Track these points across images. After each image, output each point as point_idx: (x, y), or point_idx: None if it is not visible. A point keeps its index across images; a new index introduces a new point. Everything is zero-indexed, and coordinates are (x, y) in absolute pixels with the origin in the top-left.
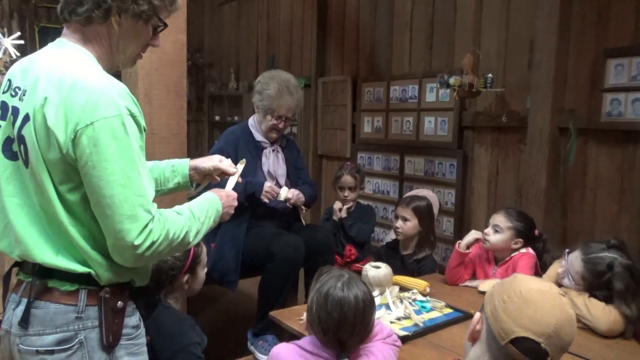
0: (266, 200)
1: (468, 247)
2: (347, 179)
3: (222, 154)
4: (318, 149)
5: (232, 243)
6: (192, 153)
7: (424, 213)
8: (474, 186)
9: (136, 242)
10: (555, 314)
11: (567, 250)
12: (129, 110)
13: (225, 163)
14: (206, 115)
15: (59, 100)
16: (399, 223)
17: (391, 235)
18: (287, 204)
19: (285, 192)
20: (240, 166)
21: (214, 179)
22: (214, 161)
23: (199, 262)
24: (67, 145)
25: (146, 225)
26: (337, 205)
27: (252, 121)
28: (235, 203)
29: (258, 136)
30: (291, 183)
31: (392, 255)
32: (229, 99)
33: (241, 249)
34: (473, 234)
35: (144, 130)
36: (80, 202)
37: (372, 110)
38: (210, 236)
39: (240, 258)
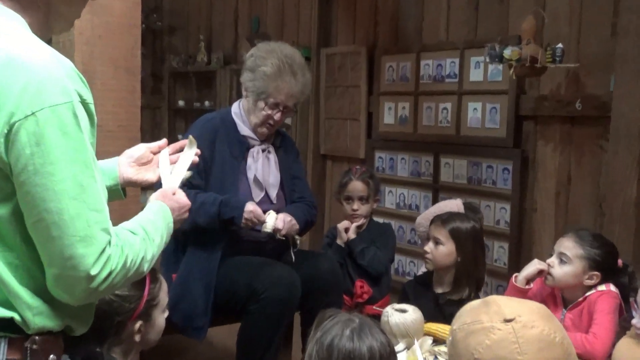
0: (255, 225)
1: (529, 281)
2: (357, 185)
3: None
4: (320, 147)
5: (201, 275)
6: None
7: (465, 238)
8: (536, 199)
9: (92, 272)
10: None
11: (637, 297)
12: (80, 96)
13: (137, 149)
14: (165, 99)
15: None
16: (429, 246)
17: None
18: (277, 236)
19: (272, 221)
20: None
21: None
22: (131, 156)
23: (155, 304)
24: None
25: (104, 250)
26: (343, 224)
27: (237, 108)
28: (186, 215)
29: (244, 129)
30: (285, 197)
31: (423, 294)
32: (197, 78)
33: (213, 284)
34: (535, 264)
35: (96, 122)
36: (10, 218)
37: (396, 93)
38: (171, 265)
39: (211, 296)
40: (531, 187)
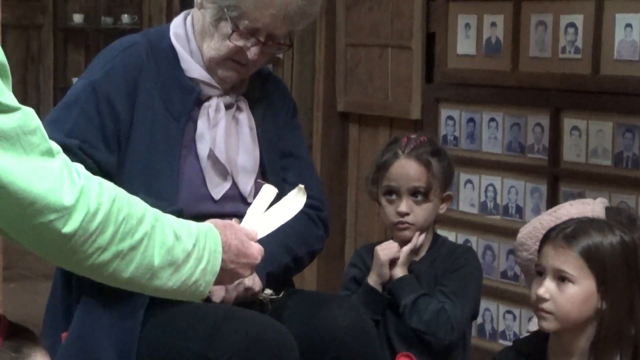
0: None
1: None
2: (407, 168)
3: (92, 101)
4: (338, 100)
5: (112, 333)
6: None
7: (614, 267)
8: None
9: (67, 201)
10: None
11: None
12: None
13: None
14: (49, 12)
15: None
16: (547, 286)
17: (531, 324)
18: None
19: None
20: (271, 191)
21: None
22: None
23: None
24: None
25: (67, 168)
26: (388, 249)
27: (180, 27)
28: (247, 273)
29: (194, 67)
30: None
31: None
32: None
33: (134, 351)
34: None
35: None
36: None
37: None
38: (61, 317)
39: None
40: None
